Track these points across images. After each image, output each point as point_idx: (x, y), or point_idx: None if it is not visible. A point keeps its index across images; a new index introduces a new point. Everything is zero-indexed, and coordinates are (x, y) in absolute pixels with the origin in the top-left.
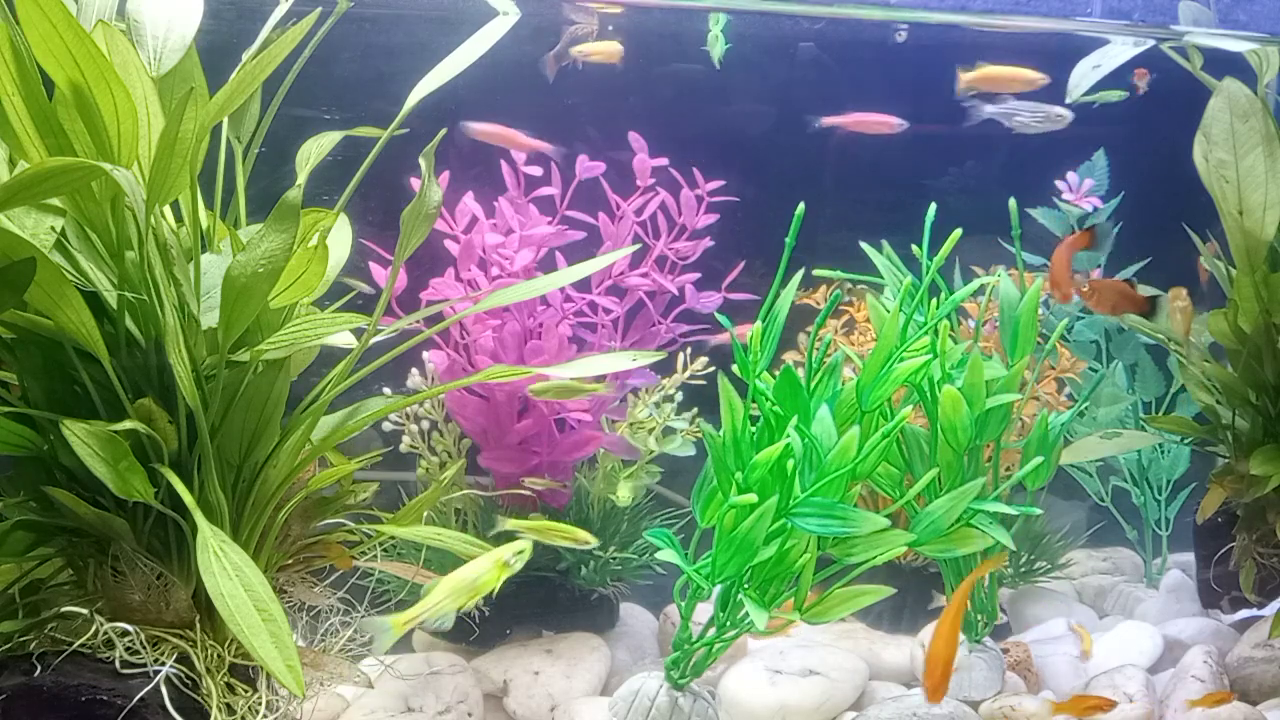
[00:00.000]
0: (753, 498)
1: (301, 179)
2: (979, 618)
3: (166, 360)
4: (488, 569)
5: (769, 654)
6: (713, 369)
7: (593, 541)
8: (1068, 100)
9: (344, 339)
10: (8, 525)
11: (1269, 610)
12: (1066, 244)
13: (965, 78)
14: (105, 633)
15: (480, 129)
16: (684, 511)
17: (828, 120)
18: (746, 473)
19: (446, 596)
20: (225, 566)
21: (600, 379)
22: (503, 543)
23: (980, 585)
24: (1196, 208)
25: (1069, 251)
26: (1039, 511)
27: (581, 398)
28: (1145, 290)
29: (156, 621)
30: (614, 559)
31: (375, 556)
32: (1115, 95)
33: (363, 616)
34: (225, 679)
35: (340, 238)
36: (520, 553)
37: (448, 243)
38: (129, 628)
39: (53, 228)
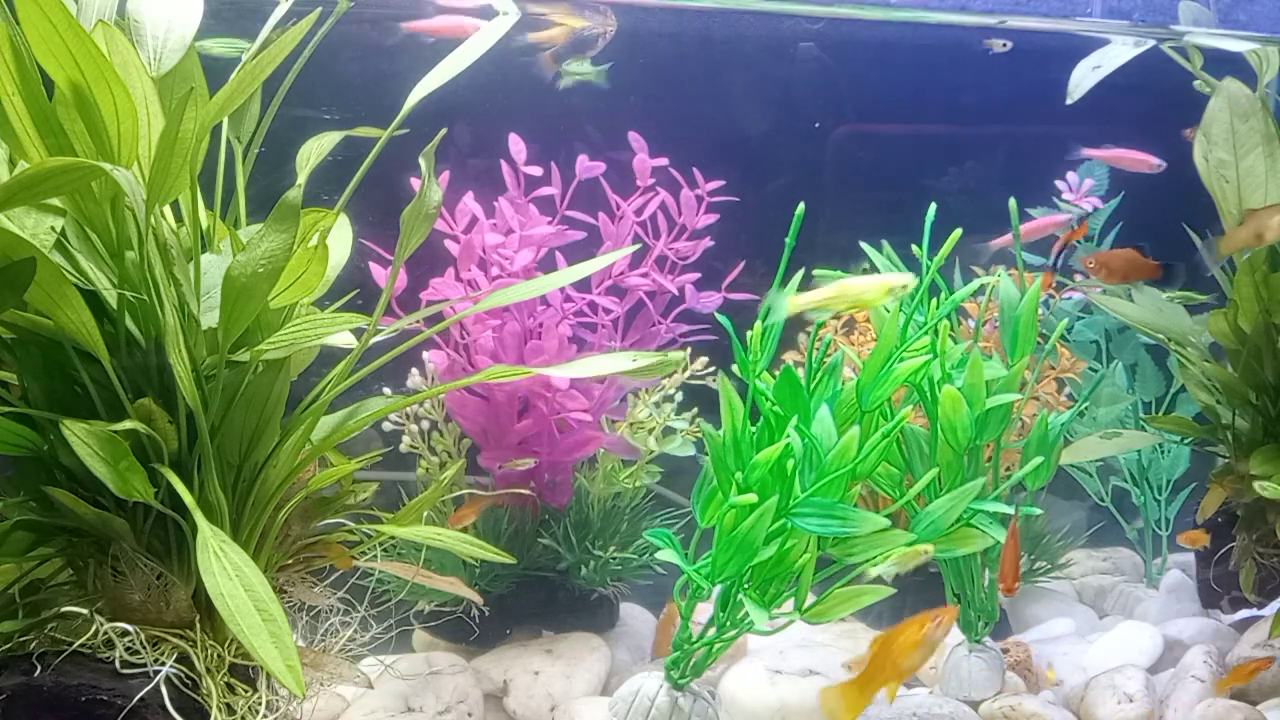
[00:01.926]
0: (753, 498)
1: (301, 179)
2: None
3: (166, 360)
4: (875, 287)
5: (769, 654)
6: (713, 369)
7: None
8: (1068, 101)
9: (344, 339)
10: (8, 525)
11: (1269, 610)
12: (1127, 260)
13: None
14: (105, 633)
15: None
16: (684, 511)
17: (1089, 152)
18: (746, 473)
19: (834, 295)
20: (225, 566)
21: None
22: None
23: (980, 585)
24: (1196, 208)
25: (1128, 270)
26: (1039, 511)
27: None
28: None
29: (156, 621)
30: (614, 559)
31: (375, 556)
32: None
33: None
34: (225, 679)
35: (340, 237)
36: (906, 286)
37: (448, 243)
38: (129, 628)
39: (53, 228)
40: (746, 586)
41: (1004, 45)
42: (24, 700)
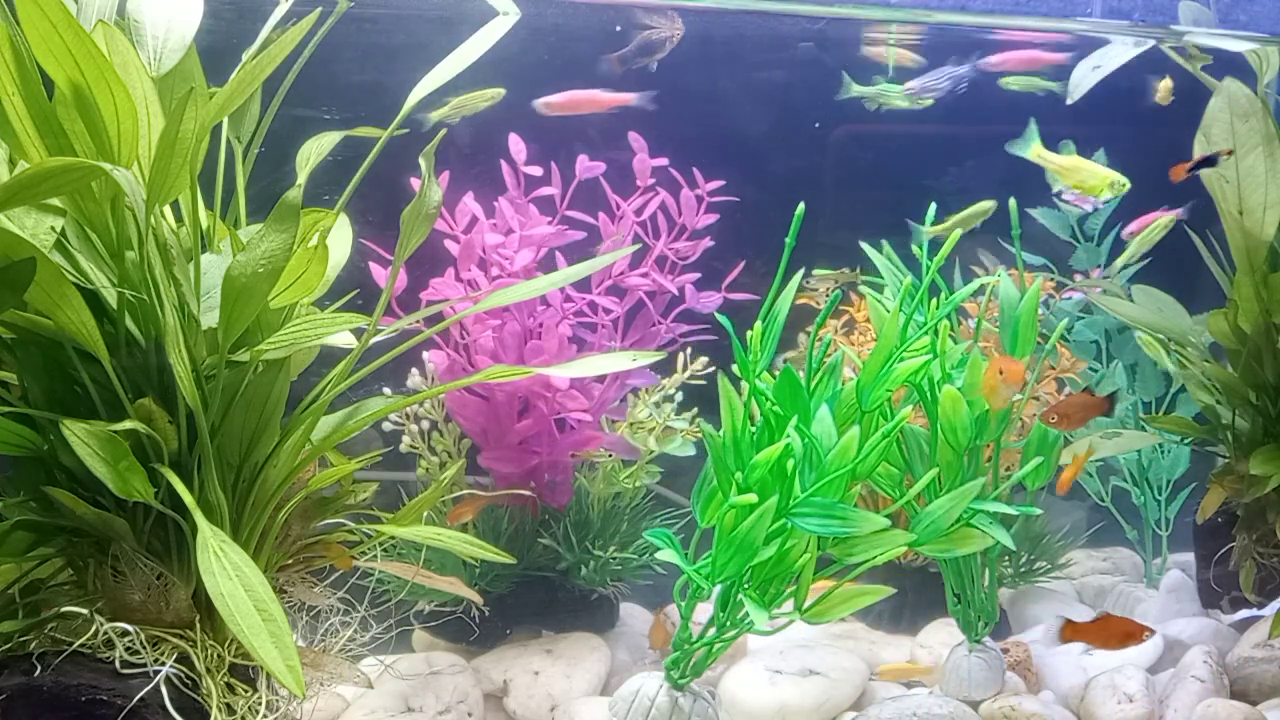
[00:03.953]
0: (753, 498)
1: (301, 179)
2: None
3: (166, 360)
4: (1100, 177)
5: (769, 654)
6: (713, 369)
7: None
8: (1068, 101)
9: (344, 339)
10: (8, 525)
11: (1269, 610)
12: (1082, 405)
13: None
14: (105, 633)
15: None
16: (684, 511)
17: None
18: (746, 473)
19: (1069, 166)
20: (225, 566)
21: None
22: None
23: (980, 585)
24: (1196, 208)
25: (1084, 413)
26: (1039, 511)
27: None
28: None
29: (156, 621)
30: (614, 559)
31: (375, 556)
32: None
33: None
34: (225, 679)
35: (340, 237)
36: (1124, 185)
37: (448, 243)
38: (129, 628)
39: (53, 228)
40: (746, 586)
41: (1200, 53)
42: (24, 700)
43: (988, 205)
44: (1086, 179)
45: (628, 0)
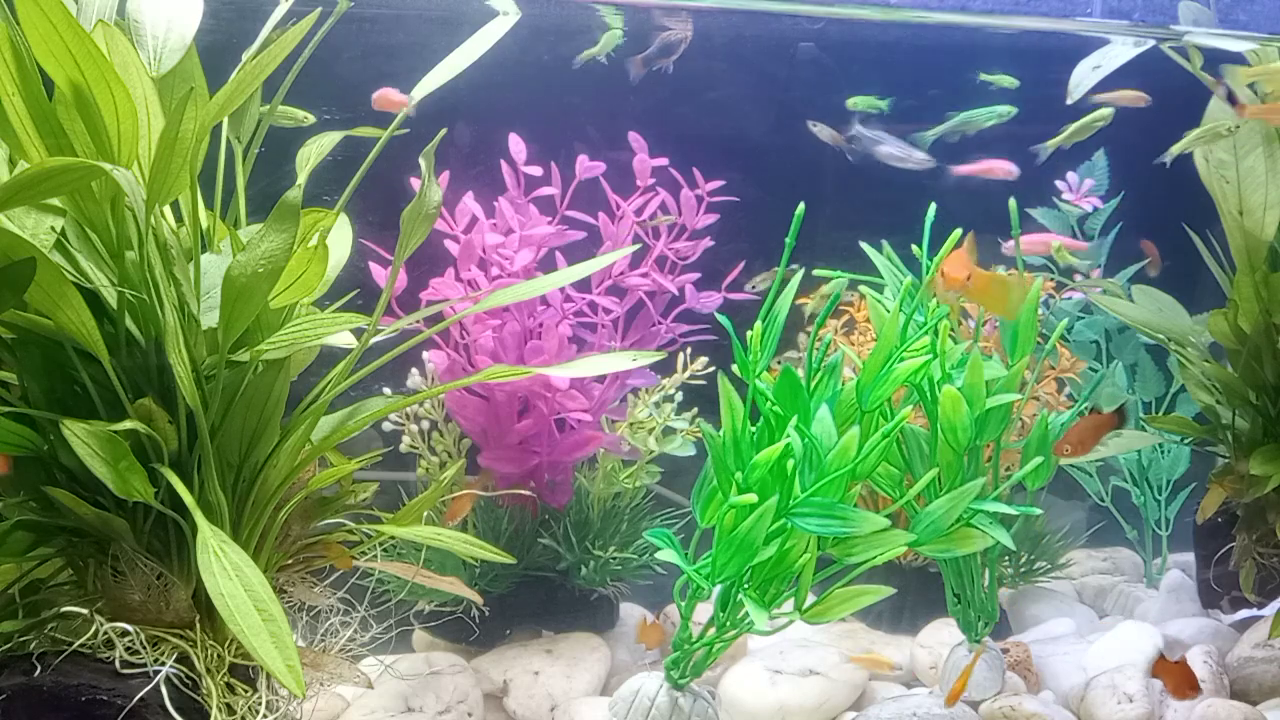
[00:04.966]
0: (753, 498)
1: (301, 179)
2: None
3: (166, 360)
4: None
5: (769, 654)
6: (713, 369)
7: None
8: (1068, 101)
9: (344, 339)
10: (8, 525)
11: (1269, 610)
12: (1094, 426)
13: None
14: (105, 633)
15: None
16: (684, 511)
17: (958, 170)
18: (746, 473)
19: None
20: (225, 566)
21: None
22: None
23: (980, 585)
24: (1196, 208)
25: (1096, 434)
26: (1039, 512)
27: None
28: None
29: (156, 621)
30: (614, 559)
31: (375, 556)
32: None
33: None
34: (225, 679)
35: (340, 238)
36: None
37: (448, 243)
38: (129, 628)
39: (53, 228)
40: (746, 586)
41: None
42: (24, 700)
43: (1106, 112)
44: None
45: (629, 1)
